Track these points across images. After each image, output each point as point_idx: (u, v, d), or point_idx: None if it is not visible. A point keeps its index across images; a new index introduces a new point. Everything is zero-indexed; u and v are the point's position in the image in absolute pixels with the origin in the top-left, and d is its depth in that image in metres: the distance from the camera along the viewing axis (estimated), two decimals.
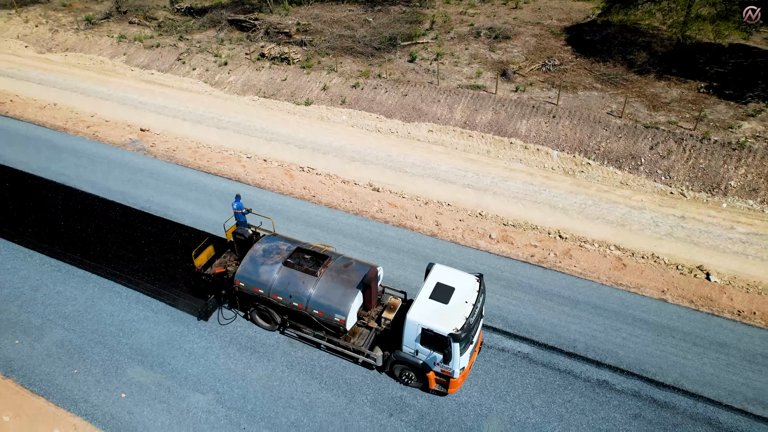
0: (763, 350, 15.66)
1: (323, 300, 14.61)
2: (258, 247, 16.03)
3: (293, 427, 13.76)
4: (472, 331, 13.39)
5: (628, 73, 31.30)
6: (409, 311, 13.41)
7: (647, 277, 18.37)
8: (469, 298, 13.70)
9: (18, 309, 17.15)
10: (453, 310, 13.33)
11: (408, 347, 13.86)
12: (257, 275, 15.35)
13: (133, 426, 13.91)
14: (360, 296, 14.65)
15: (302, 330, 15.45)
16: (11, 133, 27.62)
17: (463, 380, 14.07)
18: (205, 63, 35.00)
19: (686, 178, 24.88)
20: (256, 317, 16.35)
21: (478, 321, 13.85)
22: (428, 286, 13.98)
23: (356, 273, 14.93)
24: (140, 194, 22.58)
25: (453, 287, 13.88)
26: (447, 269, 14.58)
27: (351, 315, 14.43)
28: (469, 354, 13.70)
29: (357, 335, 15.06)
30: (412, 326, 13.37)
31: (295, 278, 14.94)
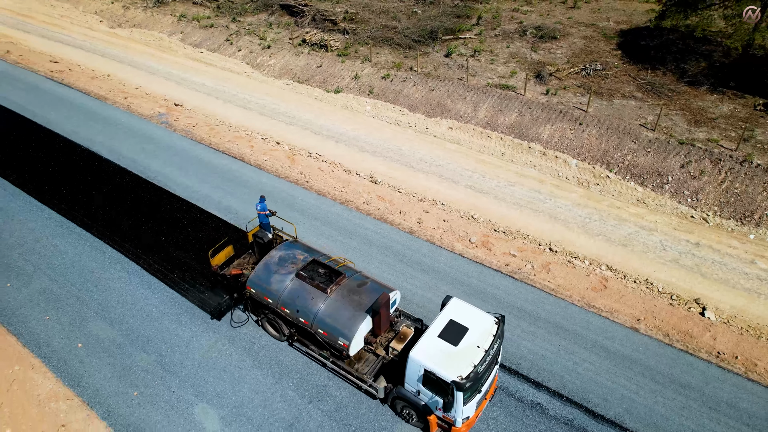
0: (729, 398, 14.16)
1: (329, 320, 13.76)
2: (274, 254, 15.45)
3: (217, 398, 14.30)
4: (481, 380, 12.13)
5: (678, 84, 29.00)
6: (413, 348, 12.31)
7: (626, 302, 17.10)
8: (483, 342, 12.33)
9: (18, 256, 19.00)
10: (462, 353, 12.07)
11: (410, 386, 12.79)
12: (269, 283, 14.78)
13: (80, 374, 15.07)
14: (368, 321, 13.65)
15: (308, 347, 14.87)
16: (58, 98, 30.37)
17: (467, 429, 12.83)
18: (250, 45, 36.39)
19: (716, 202, 22.82)
20: (266, 325, 15.90)
21: (490, 368, 12.57)
22: (439, 323, 12.76)
23: (369, 295, 13.93)
24: (149, 164, 24.10)
25: (466, 327, 12.60)
26: (464, 305, 13.24)
27: (356, 340, 13.50)
28: (476, 403, 12.40)
29: (363, 361, 14.10)
30: (415, 365, 12.27)
31: (306, 292, 14.22)
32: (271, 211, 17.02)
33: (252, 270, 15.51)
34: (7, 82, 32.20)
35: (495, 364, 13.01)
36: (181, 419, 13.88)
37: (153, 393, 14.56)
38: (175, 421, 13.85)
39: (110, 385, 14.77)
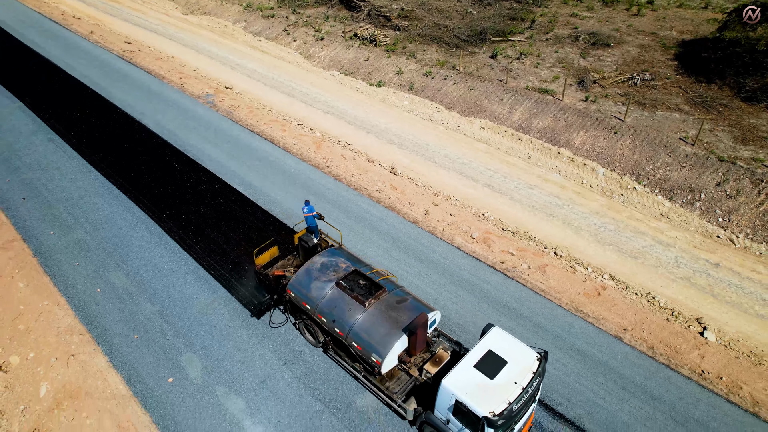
0: (701, 416, 13.97)
1: (364, 334, 13.57)
2: (317, 260, 15.45)
3: (203, 349, 15.93)
4: (516, 417, 11.57)
5: (732, 99, 27.89)
6: (446, 376, 11.91)
7: (617, 311, 17.08)
8: (521, 378, 11.71)
9: (63, 209, 21.71)
10: (497, 388, 11.54)
11: (440, 413, 12.38)
12: (308, 290, 14.78)
13: (94, 314, 17.24)
14: (404, 339, 13.40)
15: (342, 357, 14.82)
16: (123, 75, 33.73)
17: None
18: (305, 36, 38.42)
19: (749, 224, 21.98)
20: (303, 330, 16.03)
21: (527, 406, 11.96)
22: (477, 352, 12.27)
23: (407, 313, 13.69)
24: (187, 138, 26.48)
25: (505, 360, 12.04)
26: (506, 336, 12.67)
27: (389, 358, 13.27)
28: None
29: (394, 379, 13.87)
30: (446, 394, 11.84)
31: (344, 302, 14.12)
32: (318, 214, 16.98)
33: (294, 273, 15.58)
34: (86, 59, 36.08)
35: (533, 402, 12.36)
36: (170, 363, 15.59)
37: (150, 338, 16.39)
38: (164, 364, 15.58)
39: (116, 326, 16.78)
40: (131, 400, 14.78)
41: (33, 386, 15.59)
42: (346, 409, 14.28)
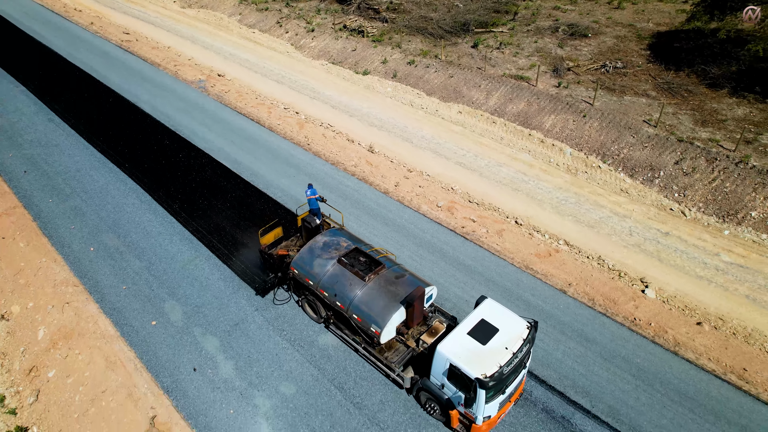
0: (627, 354, 15.85)
1: (364, 307, 14.46)
2: (319, 239, 16.41)
3: (184, 298, 17.97)
4: (506, 381, 12.48)
5: (697, 86, 29.75)
6: (441, 342, 12.84)
7: (566, 270, 18.96)
8: (512, 344, 12.58)
9: (61, 180, 23.85)
10: (489, 353, 12.40)
11: (435, 379, 13.27)
12: (311, 266, 15.70)
13: (87, 269, 19.32)
14: (402, 312, 14.30)
15: (343, 330, 15.78)
16: (120, 62, 36.01)
17: (488, 429, 13.23)
18: (297, 28, 40.57)
19: (702, 199, 23.79)
20: (305, 306, 16.96)
21: (517, 371, 12.84)
22: (470, 321, 13.18)
23: (405, 287, 14.58)
24: (180, 119, 28.62)
25: (497, 328, 12.91)
26: (498, 307, 13.59)
27: (388, 329, 14.17)
28: (499, 403, 12.74)
29: (393, 350, 14.69)
30: (441, 359, 12.74)
31: (345, 278, 15.02)
32: (321, 197, 18.05)
33: (297, 252, 16.61)
34: (85, 48, 38.39)
35: (523, 368, 13.20)
36: (153, 309, 17.62)
37: (137, 289, 18.43)
38: (148, 310, 17.61)
39: (107, 279, 18.84)
40: (118, 339, 16.80)
41: (32, 331, 17.63)
42: (308, 347, 16.24)
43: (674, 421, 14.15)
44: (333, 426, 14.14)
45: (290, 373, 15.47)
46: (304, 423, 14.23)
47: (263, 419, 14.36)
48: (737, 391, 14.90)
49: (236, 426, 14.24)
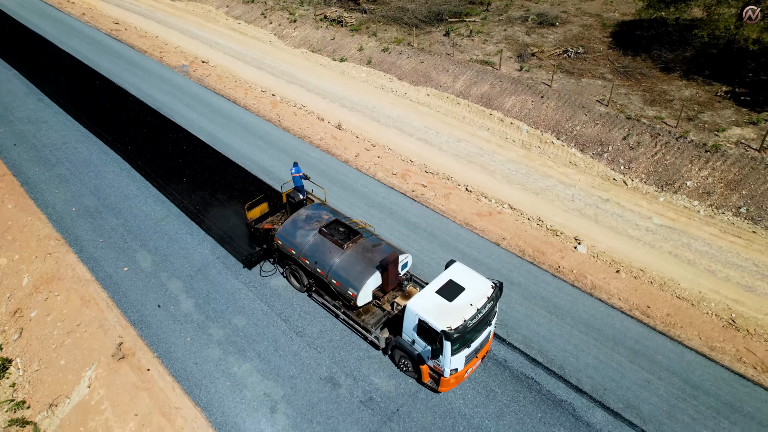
0: (547, 295, 18.01)
1: (342, 272, 15.55)
2: (303, 212, 17.64)
3: (154, 249, 20.28)
4: (470, 335, 13.45)
5: (652, 69, 31.90)
6: (411, 299, 13.91)
7: (503, 227, 21.14)
8: (477, 302, 13.63)
9: (48, 152, 26.26)
10: (455, 309, 13.39)
11: (407, 335, 14.25)
12: (294, 237, 16.90)
13: (69, 226, 21.65)
14: (378, 276, 15.32)
15: (323, 297, 16.94)
16: (109, 49, 38.61)
17: (457, 382, 14.29)
18: (280, 19, 43.02)
19: (644, 170, 25.91)
20: (289, 276, 18.14)
21: (482, 327, 13.85)
22: (439, 281, 14.24)
23: (381, 254, 15.68)
24: (162, 99, 31.09)
25: (463, 287, 13.96)
26: (465, 269, 14.72)
27: (364, 292, 15.18)
28: (464, 357, 13.70)
29: (370, 313, 15.89)
30: (411, 315, 13.69)
31: (325, 247, 16.16)
32: (305, 174, 19.54)
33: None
34: (77, 36, 41.00)
35: (488, 326, 14.20)
36: (126, 258, 19.91)
37: (113, 242, 20.74)
38: (121, 258, 19.92)
39: (86, 234, 21.15)
40: (93, 282, 19.09)
41: (17, 279, 19.95)
42: (261, 288, 18.49)
43: (578, 347, 16.30)
44: (276, 350, 16.35)
45: (243, 308, 17.71)
46: (251, 348, 16.45)
47: (215, 345, 16.60)
48: (637, 323, 17.06)
49: (192, 350, 16.47)
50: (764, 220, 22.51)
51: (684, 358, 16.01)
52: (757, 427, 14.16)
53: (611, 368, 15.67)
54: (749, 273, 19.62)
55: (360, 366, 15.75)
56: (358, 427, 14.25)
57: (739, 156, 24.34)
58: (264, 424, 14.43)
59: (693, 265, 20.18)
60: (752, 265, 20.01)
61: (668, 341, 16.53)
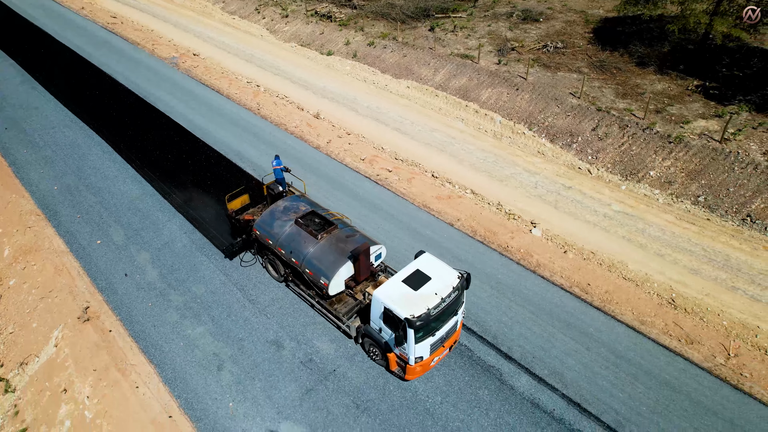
0: (491, 271, 19.14)
1: (316, 261, 16.00)
2: (281, 203, 18.19)
3: (127, 224, 21.73)
4: (435, 324, 13.89)
5: (628, 64, 32.87)
6: (378, 288, 14.32)
7: (459, 209, 22.29)
8: (442, 291, 14.00)
9: (37, 136, 27.95)
10: (419, 297, 13.78)
11: (374, 324, 14.66)
12: (271, 227, 17.41)
13: (49, 203, 23.20)
14: (350, 266, 15.75)
15: (299, 286, 17.46)
16: (103, 41, 40.46)
17: (423, 371, 14.68)
18: (273, 14, 44.56)
19: (611, 160, 26.90)
20: (268, 266, 18.73)
21: (447, 317, 14.29)
22: (406, 270, 14.66)
23: (354, 245, 16.07)
24: (148, 88, 32.73)
25: (430, 277, 14.36)
26: (433, 260, 15.10)
27: (336, 281, 15.62)
28: (430, 346, 14.09)
29: (342, 303, 16.34)
30: (377, 303, 14.13)
31: (300, 237, 16.65)
32: (285, 167, 20.31)
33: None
34: (72, 29, 42.97)
35: (454, 315, 14.64)
36: (100, 232, 21.40)
37: (89, 218, 22.25)
38: (95, 232, 21.42)
39: (65, 210, 22.70)
40: (68, 254, 20.56)
41: None
42: (222, 260, 19.83)
43: (514, 318, 17.40)
44: (229, 315, 17.67)
45: (203, 278, 19.07)
46: (206, 313, 17.79)
47: (174, 310, 17.96)
48: (575, 299, 18.11)
49: (152, 314, 17.85)
50: (720, 208, 23.41)
51: (614, 331, 17.02)
52: (669, 391, 15.17)
53: (542, 338, 16.73)
54: (697, 257, 20.54)
55: (305, 331, 16.99)
56: (295, 384, 15.47)
57: (701, 147, 25.23)
58: (210, 381, 15.71)
59: (644, 249, 21.15)
60: (701, 250, 20.92)
61: (602, 315, 17.54)
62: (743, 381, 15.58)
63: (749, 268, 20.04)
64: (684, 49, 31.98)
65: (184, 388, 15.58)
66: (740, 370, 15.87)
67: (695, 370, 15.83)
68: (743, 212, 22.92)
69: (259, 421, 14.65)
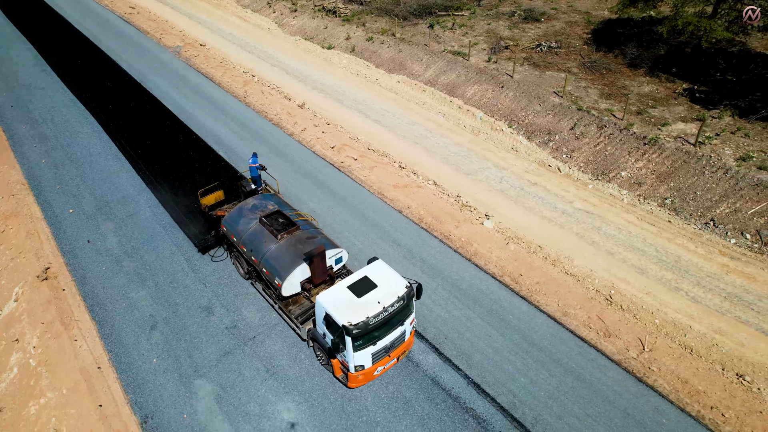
0: (426, 256, 20.00)
1: (273, 261, 16.14)
2: (249, 201, 18.49)
3: (101, 197, 23.62)
4: (377, 333, 13.79)
5: (620, 65, 33.10)
6: (321, 293, 14.34)
7: (413, 198, 23.20)
8: (385, 300, 13.86)
9: (37, 114, 30.35)
10: (361, 305, 13.70)
11: (319, 328, 14.64)
12: (237, 224, 17.70)
13: (36, 175, 25.33)
14: (305, 268, 15.78)
15: (259, 285, 17.70)
16: (117, 30, 43.23)
17: (366, 380, 14.54)
18: (283, 8, 46.37)
19: (585, 159, 27.34)
20: (234, 261, 19.15)
21: (391, 327, 14.16)
22: (354, 276, 14.60)
23: (313, 247, 16.08)
24: (147, 74, 34.90)
25: (376, 284, 14.25)
26: (384, 267, 15.00)
27: (290, 282, 15.66)
28: (371, 355, 13.98)
29: (298, 305, 16.39)
30: (320, 307, 14.12)
31: (262, 235, 16.85)
32: (261, 165, 20.87)
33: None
34: (91, 17, 45.95)
35: (400, 326, 14.47)
36: (74, 202, 23.33)
37: (67, 189, 24.23)
38: (70, 202, 23.35)
39: (48, 182, 24.77)
40: (42, 220, 22.52)
41: None
42: (176, 233, 21.38)
43: (437, 302, 18.21)
44: (172, 282, 19.15)
45: (156, 248, 20.64)
46: (152, 278, 19.32)
47: (124, 274, 19.58)
48: (503, 288, 18.78)
49: (104, 277, 19.52)
50: (685, 211, 23.57)
51: (534, 320, 17.63)
52: (572, 379, 15.73)
53: (460, 322, 17.49)
54: (647, 257, 20.85)
55: (235, 300, 18.28)
56: (216, 347, 16.77)
57: (675, 150, 25.38)
58: (141, 338, 17.18)
59: (595, 246, 21.57)
60: (654, 251, 21.23)
61: (525, 305, 18.16)
62: (649, 374, 15.97)
63: (698, 270, 20.23)
64: (681, 52, 31.91)
65: (117, 343, 17.07)
66: (650, 364, 16.25)
67: (604, 362, 16.29)
68: (707, 216, 23.00)
69: (177, 376, 15.99)
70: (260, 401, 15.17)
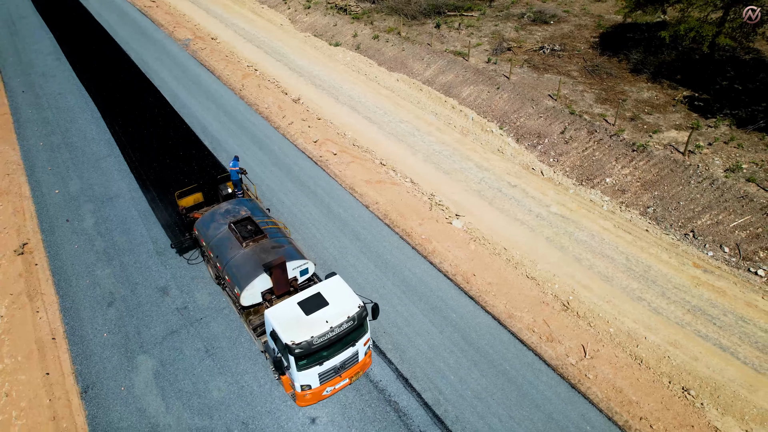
0: (383, 252, 20.46)
1: (234, 269, 15.92)
2: (223, 205, 18.50)
3: (87, 179, 24.90)
4: (325, 353, 13.43)
5: (622, 70, 32.84)
6: (270, 307, 14.00)
7: (382, 194, 23.66)
8: (334, 320, 13.41)
9: (45, 100, 32.18)
10: (307, 323, 13.31)
11: (270, 342, 14.26)
12: (208, 228, 17.63)
13: (31, 155, 26.92)
14: (266, 278, 15.47)
15: (224, 291, 17.66)
16: (132, 22, 45.20)
17: (315, 399, 14.17)
18: (297, 5, 47.50)
19: (571, 164, 27.34)
20: (207, 265, 19.19)
21: (340, 348, 13.71)
22: (307, 292, 14.20)
23: (275, 257, 15.74)
24: (152, 64, 36.46)
25: (327, 302, 13.84)
26: (340, 285, 14.53)
27: (249, 291, 15.39)
28: (318, 375, 13.61)
29: (258, 315, 16.10)
30: (267, 322, 13.82)
31: (229, 242, 16.65)
32: (242, 169, 21.09)
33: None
34: (110, 9, 48.18)
35: (350, 346, 13.96)
36: (62, 183, 24.76)
37: (58, 171, 25.69)
38: (58, 183, 24.79)
39: (41, 163, 26.32)
40: (29, 198, 23.99)
41: None
42: (149, 217, 22.45)
43: (384, 297, 18.63)
44: (136, 262, 20.20)
45: (128, 231, 21.77)
46: (118, 258, 20.42)
47: (93, 253, 20.75)
48: (453, 286, 19.07)
49: (74, 255, 20.72)
50: (666, 221, 23.34)
51: (476, 320, 17.85)
52: (503, 381, 15.91)
53: (401, 317, 17.88)
54: (616, 264, 20.78)
55: (191, 284, 19.15)
56: (164, 326, 17.66)
57: (662, 158, 25.13)
58: (97, 313, 18.24)
59: (562, 251, 21.59)
60: (624, 259, 21.12)
61: (471, 304, 18.40)
62: (584, 381, 16.01)
63: (666, 281, 20.05)
64: (689, 59, 31.35)
65: (74, 317, 18.16)
66: (587, 371, 16.28)
67: (540, 366, 16.41)
68: (688, 227, 22.72)
69: (123, 351, 16.94)
70: (194, 379, 15.93)
